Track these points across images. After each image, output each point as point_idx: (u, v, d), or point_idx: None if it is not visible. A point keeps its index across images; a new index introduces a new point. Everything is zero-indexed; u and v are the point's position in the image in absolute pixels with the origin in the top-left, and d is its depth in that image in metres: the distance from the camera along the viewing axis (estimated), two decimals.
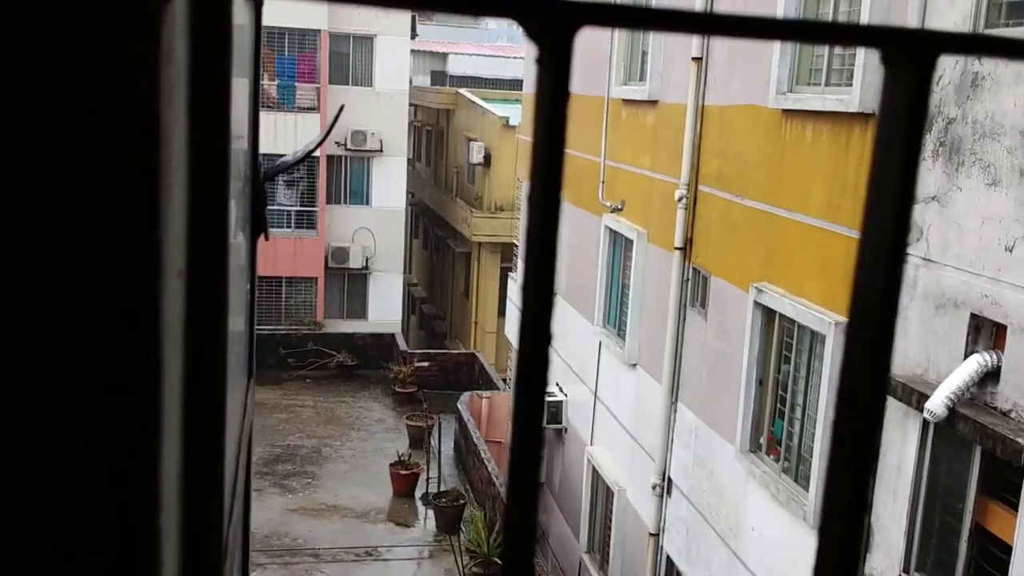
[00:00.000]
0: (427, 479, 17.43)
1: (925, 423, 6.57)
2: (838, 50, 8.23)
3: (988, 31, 6.31)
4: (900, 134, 0.46)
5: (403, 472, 17.61)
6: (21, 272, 0.48)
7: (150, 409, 0.54)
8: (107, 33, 0.43)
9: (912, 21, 6.86)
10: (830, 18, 8.27)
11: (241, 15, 1.38)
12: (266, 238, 1.61)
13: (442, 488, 17.15)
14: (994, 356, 6.07)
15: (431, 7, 0.47)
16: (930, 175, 6.70)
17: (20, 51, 0.45)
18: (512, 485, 0.48)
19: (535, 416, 0.50)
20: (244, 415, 1.51)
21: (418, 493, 17.65)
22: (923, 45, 0.45)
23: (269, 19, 24.44)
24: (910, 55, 0.45)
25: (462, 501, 16.73)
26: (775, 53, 8.78)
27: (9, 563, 0.54)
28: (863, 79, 7.46)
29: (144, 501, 0.57)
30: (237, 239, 1.32)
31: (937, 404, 6.15)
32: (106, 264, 0.49)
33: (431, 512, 16.89)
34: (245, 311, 1.59)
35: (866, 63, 7.46)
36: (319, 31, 25.27)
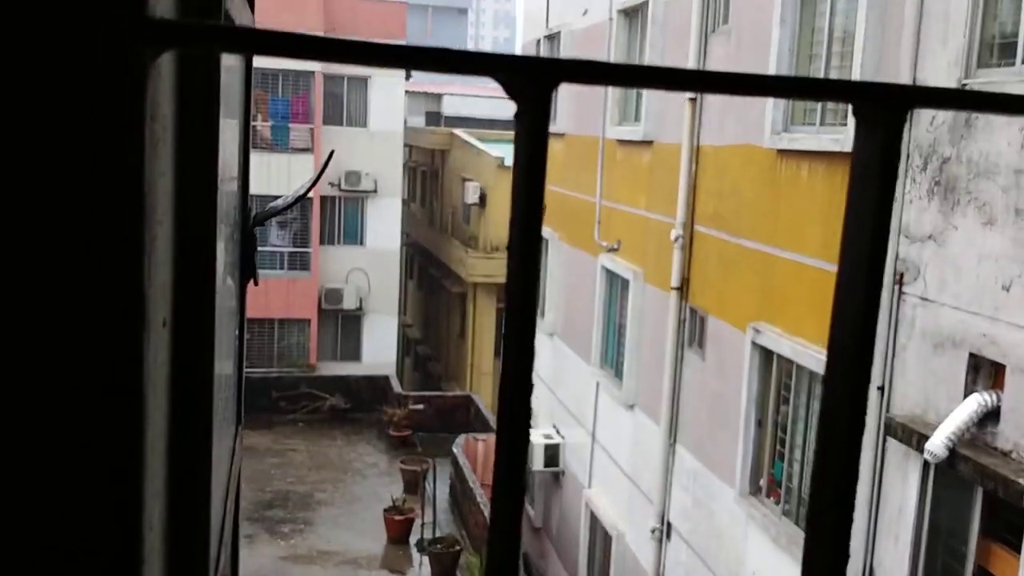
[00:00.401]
0: (422, 525, 17.25)
1: (926, 464, 6.53)
2: None
3: (981, 70, 6.38)
4: (872, 185, 0.46)
5: (397, 518, 17.42)
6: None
7: (132, 459, 0.54)
8: (93, 90, 0.43)
9: (905, 62, 6.94)
10: (824, 57, 8.37)
11: (230, 58, 1.39)
12: (255, 283, 1.61)
13: (437, 534, 16.96)
14: (993, 396, 6.05)
15: (413, 66, 0.48)
16: (926, 214, 6.73)
17: (8, 106, 0.45)
18: (495, 527, 0.47)
19: (518, 464, 0.49)
20: (232, 461, 1.50)
21: (413, 539, 17.45)
22: (893, 99, 0.45)
23: (263, 61, 24.65)
24: (880, 109, 0.46)
25: (458, 547, 16.54)
26: None
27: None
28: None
29: (126, 552, 0.57)
30: (226, 284, 1.32)
31: (937, 445, 6.12)
32: (90, 314, 0.49)
33: (426, 559, 16.68)
34: (234, 357, 1.59)
35: None
36: (313, 72, 25.49)
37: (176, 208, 0.64)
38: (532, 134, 0.47)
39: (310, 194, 25.23)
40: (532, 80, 0.45)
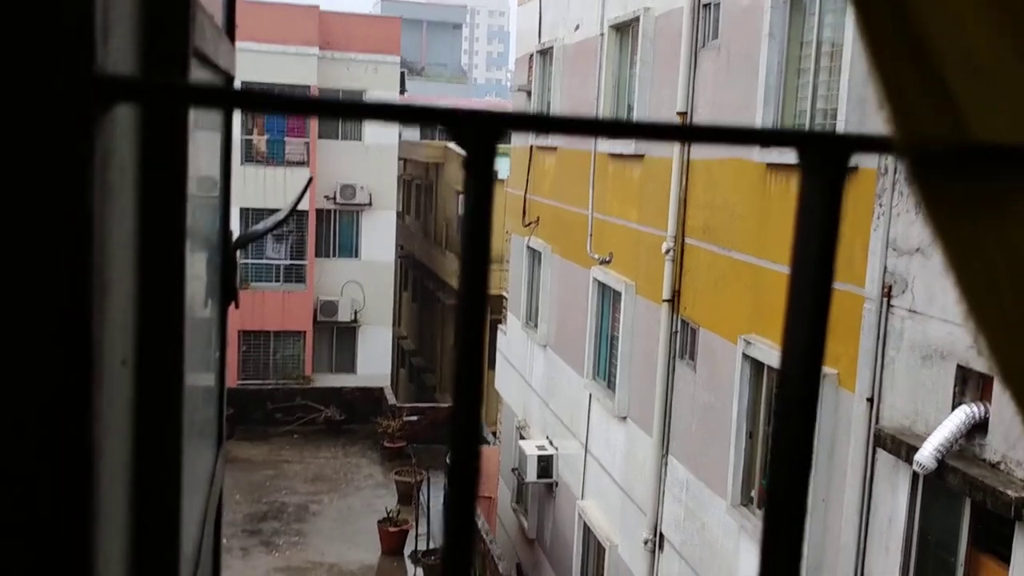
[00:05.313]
0: (416, 536, 17.23)
1: (915, 475, 6.55)
2: (820, 104, 8.35)
3: None
4: (815, 233, 0.47)
5: (392, 529, 17.40)
6: None
7: (82, 499, 0.53)
8: (40, 145, 0.44)
9: None
10: (812, 71, 8.40)
11: (209, 72, 1.39)
12: (236, 306, 1.62)
13: (432, 545, 16.95)
14: (981, 407, 6.07)
15: (370, 117, 0.49)
16: (913, 227, 6.76)
17: None
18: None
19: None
20: (211, 484, 1.50)
21: (407, 551, 17.43)
22: (834, 147, 0.46)
23: (259, 75, 24.70)
24: (823, 157, 0.46)
25: None
26: (759, 106, 8.90)
27: None
28: (846, 132, 7.55)
29: None
30: (205, 307, 1.33)
31: (926, 456, 6.13)
32: (36, 357, 0.49)
33: (420, 570, 16.66)
34: (215, 379, 1.59)
35: (848, 117, 7.57)
36: (309, 87, 25.54)
37: (141, 250, 0.65)
38: (479, 180, 0.48)
39: (306, 207, 25.24)
40: (478, 130, 0.47)
